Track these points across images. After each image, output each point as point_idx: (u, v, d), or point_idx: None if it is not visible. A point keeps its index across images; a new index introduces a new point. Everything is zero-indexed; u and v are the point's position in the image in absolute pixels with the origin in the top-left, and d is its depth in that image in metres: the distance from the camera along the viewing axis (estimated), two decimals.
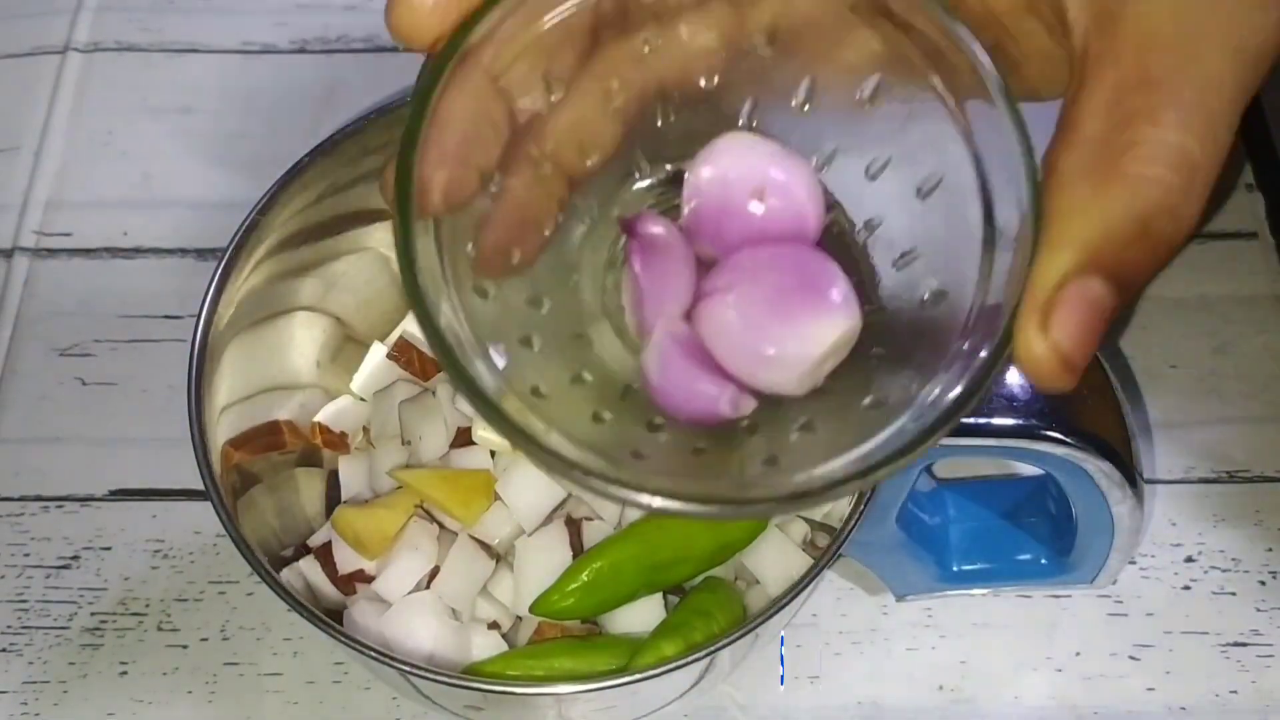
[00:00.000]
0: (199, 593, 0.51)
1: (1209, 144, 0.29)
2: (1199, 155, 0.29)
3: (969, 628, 0.50)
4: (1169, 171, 0.29)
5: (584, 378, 0.33)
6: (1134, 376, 0.55)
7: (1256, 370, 0.55)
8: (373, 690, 0.49)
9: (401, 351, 0.50)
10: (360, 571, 0.45)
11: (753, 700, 0.48)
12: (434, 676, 0.39)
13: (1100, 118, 0.30)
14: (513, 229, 0.33)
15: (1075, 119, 0.30)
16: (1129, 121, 0.29)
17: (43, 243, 0.59)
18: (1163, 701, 0.48)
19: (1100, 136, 0.29)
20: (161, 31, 0.66)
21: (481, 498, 0.44)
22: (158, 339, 0.57)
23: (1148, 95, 0.29)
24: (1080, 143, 0.30)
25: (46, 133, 0.63)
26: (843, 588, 0.51)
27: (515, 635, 0.45)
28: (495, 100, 0.32)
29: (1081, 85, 0.30)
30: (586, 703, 0.41)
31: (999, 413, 0.40)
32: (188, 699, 0.49)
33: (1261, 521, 0.52)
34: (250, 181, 0.46)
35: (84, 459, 0.54)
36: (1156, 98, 0.29)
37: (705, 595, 0.44)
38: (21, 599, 0.51)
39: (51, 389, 0.56)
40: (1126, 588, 0.50)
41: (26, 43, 0.65)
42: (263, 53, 0.65)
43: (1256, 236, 0.59)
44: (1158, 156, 0.29)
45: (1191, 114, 0.29)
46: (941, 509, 0.49)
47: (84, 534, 0.52)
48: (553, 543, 0.44)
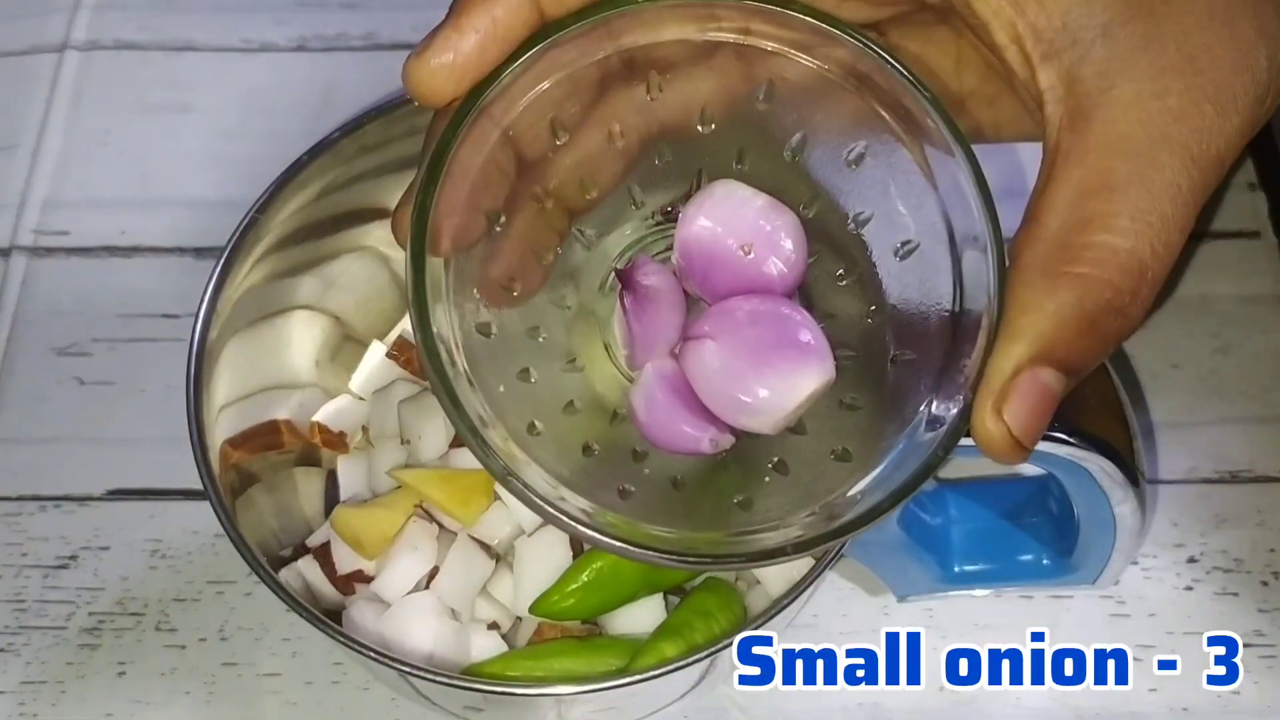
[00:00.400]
0: (197, 593, 0.51)
1: (1160, 248, 0.32)
2: (1149, 259, 0.32)
3: (971, 628, 0.50)
4: (1118, 276, 0.32)
5: (575, 406, 0.35)
6: (1136, 376, 0.55)
7: (1259, 370, 0.55)
8: (372, 691, 0.49)
9: (400, 350, 0.50)
10: (359, 572, 0.45)
11: (753, 700, 0.48)
12: (433, 677, 0.39)
13: (1062, 216, 0.32)
14: (515, 262, 0.34)
15: (1039, 214, 0.33)
16: (1087, 224, 0.32)
17: (40, 242, 0.59)
18: (1165, 702, 0.48)
19: (1059, 236, 0.32)
20: (160, 30, 0.66)
21: (481, 497, 0.44)
22: (156, 338, 0.57)
23: (1107, 200, 0.32)
24: (1042, 238, 0.32)
25: (44, 131, 0.62)
26: (844, 588, 0.51)
27: (515, 636, 0.45)
28: (504, 148, 0.34)
29: (1049, 180, 0.33)
30: (586, 704, 0.41)
31: None
32: (186, 699, 0.49)
33: (1264, 522, 0.52)
34: (249, 180, 0.46)
35: (82, 458, 0.54)
36: (1115, 204, 0.32)
37: (706, 595, 0.44)
38: (19, 599, 0.51)
39: (49, 388, 0.56)
40: (1128, 588, 0.50)
41: (24, 41, 0.65)
42: (261, 51, 0.65)
43: (1259, 236, 0.58)
44: (1109, 262, 0.32)
45: (1146, 221, 0.32)
46: (943, 509, 0.49)
47: (82, 534, 0.52)
48: (553, 543, 0.44)
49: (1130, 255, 0.32)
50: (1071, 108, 0.33)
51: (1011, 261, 0.33)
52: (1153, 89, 0.32)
